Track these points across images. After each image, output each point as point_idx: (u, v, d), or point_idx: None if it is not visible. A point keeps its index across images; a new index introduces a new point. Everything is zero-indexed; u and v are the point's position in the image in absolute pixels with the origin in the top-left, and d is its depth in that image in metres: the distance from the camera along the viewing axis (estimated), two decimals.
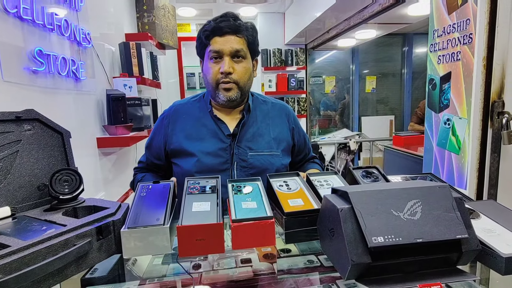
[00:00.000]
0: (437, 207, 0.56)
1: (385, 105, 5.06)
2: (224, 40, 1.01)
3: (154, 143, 1.15)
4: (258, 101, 1.18)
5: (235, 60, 1.03)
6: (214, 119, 1.10)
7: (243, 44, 1.03)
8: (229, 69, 1.01)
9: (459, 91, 1.08)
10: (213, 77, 1.03)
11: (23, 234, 0.61)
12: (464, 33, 1.05)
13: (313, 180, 0.87)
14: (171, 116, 1.13)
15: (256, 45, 1.09)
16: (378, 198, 0.57)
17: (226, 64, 1.00)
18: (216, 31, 1.01)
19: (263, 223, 0.68)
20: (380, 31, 2.93)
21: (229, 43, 1.01)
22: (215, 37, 1.01)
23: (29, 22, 1.06)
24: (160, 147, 1.12)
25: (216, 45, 1.01)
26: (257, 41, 1.09)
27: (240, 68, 1.03)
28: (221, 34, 1.01)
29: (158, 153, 1.14)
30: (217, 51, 1.01)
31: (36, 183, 0.78)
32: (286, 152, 1.15)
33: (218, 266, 0.82)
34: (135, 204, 0.74)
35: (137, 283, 0.76)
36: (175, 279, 0.77)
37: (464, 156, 1.06)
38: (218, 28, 1.01)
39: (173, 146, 1.09)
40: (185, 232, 0.65)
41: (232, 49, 1.01)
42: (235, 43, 1.01)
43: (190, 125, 1.10)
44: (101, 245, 0.66)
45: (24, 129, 0.78)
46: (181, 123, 1.11)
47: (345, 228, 0.54)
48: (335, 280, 0.74)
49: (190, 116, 1.12)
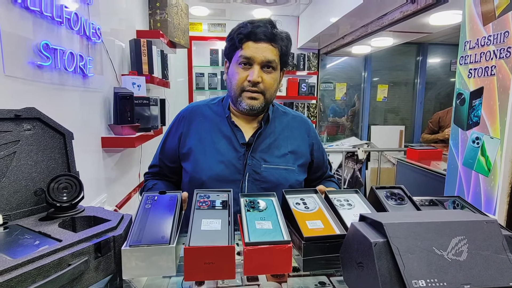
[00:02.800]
0: (486, 247, 0.49)
1: (396, 115, 4.96)
2: (257, 48, 0.95)
3: (168, 144, 1.09)
4: (278, 112, 1.12)
5: (264, 70, 0.97)
6: (231, 125, 1.04)
7: (276, 54, 0.98)
8: (258, 79, 0.95)
9: (492, 109, 1.00)
10: (239, 83, 0.97)
11: (12, 249, 0.54)
12: (501, 46, 0.97)
13: (332, 198, 0.80)
14: (187, 117, 1.08)
15: (288, 56, 1.03)
16: (417, 232, 0.49)
17: (255, 73, 0.95)
18: (251, 35, 0.95)
19: (279, 248, 0.61)
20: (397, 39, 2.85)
21: (261, 51, 0.95)
22: (248, 41, 0.95)
23: (37, 13, 1.00)
24: (175, 148, 1.06)
25: (248, 51, 0.95)
26: (289, 52, 1.03)
27: (268, 78, 0.98)
28: (256, 40, 0.95)
29: (173, 155, 1.08)
30: (248, 57, 0.95)
31: (33, 188, 0.72)
32: (303, 168, 1.08)
33: (223, 283, 0.76)
34: (138, 217, 0.68)
35: None
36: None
37: (495, 179, 0.98)
38: (254, 33, 0.95)
39: (186, 149, 1.04)
40: (193, 254, 0.59)
41: (264, 59, 0.95)
42: (268, 52, 0.96)
43: (205, 128, 1.05)
44: (99, 263, 0.59)
45: (24, 129, 0.72)
46: (196, 125, 1.06)
47: (380, 266, 0.47)
48: None
49: (207, 119, 1.06)
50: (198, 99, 3.97)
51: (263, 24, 0.96)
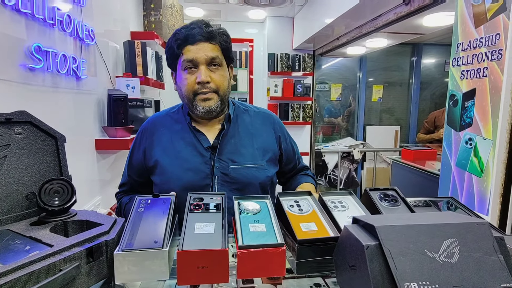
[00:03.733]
0: (477, 249, 0.49)
1: (391, 115, 4.99)
2: (198, 48, 0.94)
3: (134, 159, 1.07)
4: (239, 110, 1.10)
5: (211, 68, 0.96)
6: (192, 131, 1.03)
7: (218, 51, 0.97)
8: (206, 78, 0.94)
9: (484, 110, 1.01)
10: (189, 88, 0.96)
11: (2, 255, 0.54)
12: (493, 48, 0.98)
13: (326, 200, 0.80)
14: (149, 130, 1.06)
15: (230, 51, 1.02)
16: (409, 235, 0.50)
17: (202, 73, 0.94)
18: (188, 39, 0.94)
19: (272, 251, 0.61)
20: (391, 40, 2.86)
21: (203, 51, 0.94)
22: (187, 45, 0.95)
23: (28, 16, 0.99)
24: (141, 162, 1.05)
25: (189, 54, 0.94)
26: (230, 46, 1.02)
27: (217, 76, 0.97)
28: (194, 42, 0.94)
29: (140, 169, 1.06)
30: (191, 60, 0.94)
31: (24, 192, 0.71)
32: (273, 162, 1.08)
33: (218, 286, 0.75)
34: (131, 221, 0.67)
35: None
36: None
37: (487, 180, 0.99)
38: (191, 36, 0.94)
39: (152, 162, 1.02)
40: (186, 258, 0.58)
41: (207, 57, 0.94)
42: (209, 50, 0.95)
43: (167, 138, 1.03)
44: (91, 268, 0.58)
45: (15, 132, 0.72)
46: (158, 136, 1.04)
47: (372, 268, 0.47)
48: None
49: (168, 129, 1.05)
50: None
51: (197, 26, 0.95)
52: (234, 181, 1.00)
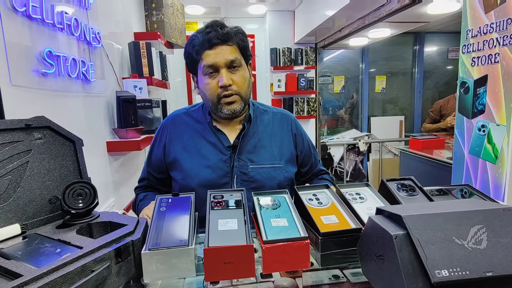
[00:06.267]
0: (505, 234, 0.50)
1: (395, 105, 4.96)
2: (216, 52, 0.94)
3: (154, 156, 1.09)
4: (259, 110, 1.12)
5: (231, 71, 0.97)
6: (213, 130, 1.04)
7: (236, 51, 0.97)
8: (228, 81, 0.95)
9: (497, 96, 1.00)
10: (213, 92, 0.97)
11: (35, 258, 0.55)
12: (504, 33, 0.97)
13: (344, 193, 0.81)
14: (169, 126, 1.08)
15: (248, 49, 1.02)
16: (436, 223, 0.50)
17: (224, 76, 0.95)
18: (205, 44, 0.94)
19: (297, 245, 0.62)
20: (395, 30, 2.84)
21: (221, 55, 0.94)
22: (205, 51, 0.95)
23: (38, 21, 1.00)
24: (161, 158, 1.07)
25: (209, 59, 0.94)
26: (247, 44, 1.02)
27: (238, 78, 0.97)
28: (211, 47, 0.94)
29: (159, 166, 1.08)
30: (211, 65, 0.95)
31: (47, 196, 0.72)
32: (291, 162, 1.09)
33: (237, 281, 0.76)
34: (155, 221, 0.68)
35: None
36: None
37: (502, 166, 0.99)
38: (207, 40, 0.94)
39: (171, 158, 1.04)
40: (213, 254, 0.59)
41: (226, 60, 0.95)
42: (228, 53, 0.95)
43: (188, 136, 1.05)
44: (120, 268, 0.60)
45: (34, 138, 0.72)
46: (179, 133, 1.06)
47: (401, 257, 0.47)
48: None
49: (189, 127, 1.06)
50: (197, 98, 3.96)
51: (212, 28, 0.95)
52: (253, 181, 1.01)
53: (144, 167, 1.13)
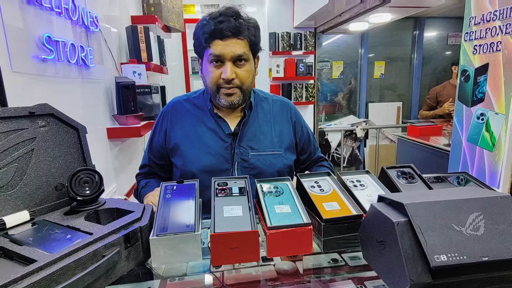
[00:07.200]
0: (501, 221, 0.52)
1: (393, 91, 4.96)
2: (225, 44, 0.93)
3: (155, 142, 1.10)
4: (259, 97, 1.12)
5: (237, 64, 0.96)
6: (214, 117, 1.05)
7: (245, 46, 0.96)
8: (231, 76, 0.95)
9: (497, 85, 1.01)
10: (214, 81, 0.97)
11: (46, 244, 0.56)
12: (508, 21, 0.97)
13: (345, 180, 0.82)
14: (169, 113, 1.08)
15: (258, 44, 1.01)
16: (436, 210, 0.52)
17: (228, 70, 0.94)
18: (216, 33, 0.93)
19: (300, 230, 0.64)
20: (396, 14, 2.80)
21: (230, 47, 0.93)
22: (215, 40, 0.93)
23: (36, 5, 0.98)
24: (162, 145, 1.08)
25: (216, 49, 0.93)
26: (259, 39, 1.01)
27: (242, 72, 0.97)
28: (222, 38, 0.93)
29: (161, 152, 1.09)
30: (217, 55, 0.94)
31: (53, 183, 0.73)
32: (290, 150, 1.10)
33: (239, 265, 0.79)
34: (161, 207, 0.69)
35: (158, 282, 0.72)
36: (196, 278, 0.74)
37: (499, 154, 1.01)
38: (218, 31, 0.92)
39: (172, 144, 1.05)
40: (219, 240, 0.61)
41: (234, 54, 0.94)
42: (237, 47, 0.94)
43: (189, 123, 1.05)
44: (129, 253, 0.61)
45: (39, 125, 0.73)
46: (180, 120, 1.06)
47: (403, 243, 0.49)
48: (363, 282, 0.72)
49: (190, 114, 1.07)
50: (195, 84, 3.92)
51: (225, 18, 0.93)
52: (253, 167, 1.03)
53: (145, 154, 1.14)
